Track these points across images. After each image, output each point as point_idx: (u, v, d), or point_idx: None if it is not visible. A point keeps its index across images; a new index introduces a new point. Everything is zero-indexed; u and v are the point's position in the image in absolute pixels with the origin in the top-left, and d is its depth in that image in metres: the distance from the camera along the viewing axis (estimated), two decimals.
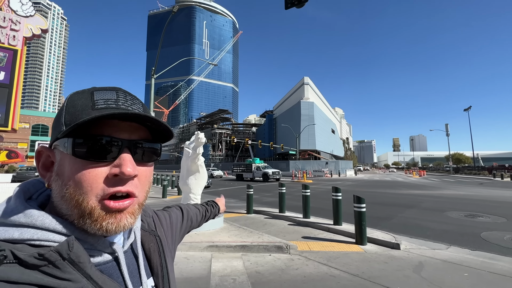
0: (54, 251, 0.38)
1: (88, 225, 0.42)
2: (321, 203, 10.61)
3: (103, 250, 0.46)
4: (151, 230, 0.61)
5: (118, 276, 0.47)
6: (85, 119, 0.40)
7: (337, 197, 6.14)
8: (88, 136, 0.43)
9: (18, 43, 12.80)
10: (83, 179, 0.42)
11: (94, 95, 0.45)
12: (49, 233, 0.41)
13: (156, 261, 0.57)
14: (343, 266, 3.87)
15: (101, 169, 0.43)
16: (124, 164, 0.43)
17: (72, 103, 0.45)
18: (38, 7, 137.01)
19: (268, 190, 16.98)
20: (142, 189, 0.48)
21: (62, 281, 0.37)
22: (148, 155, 0.49)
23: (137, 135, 0.47)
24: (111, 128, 0.44)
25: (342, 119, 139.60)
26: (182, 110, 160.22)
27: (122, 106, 0.45)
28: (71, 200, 0.42)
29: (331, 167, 41.84)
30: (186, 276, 3.50)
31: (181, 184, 5.98)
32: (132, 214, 0.46)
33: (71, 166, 0.42)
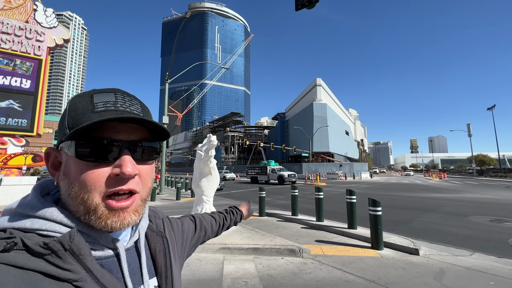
0: (57, 241, 0.40)
1: (93, 222, 0.44)
2: (335, 206, 10.39)
3: (106, 245, 0.48)
4: (158, 231, 0.62)
5: (118, 272, 0.48)
6: (83, 125, 0.42)
7: (351, 200, 5.99)
8: (90, 139, 0.45)
9: (43, 53, 13.58)
10: (86, 179, 0.44)
11: (94, 98, 0.47)
12: (57, 224, 0.43)
13: (160, 261, 0.57)
14: (358, 271, 3.75)
15: (103, 169, 0.45)
16: (124, 164, 0.45)
17: (74, 106, 0.47)
18: (60, 18, 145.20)
19: (280, 192, 16.85)
20: (144, 186, 0.50)
21: (63, 271, 0.39)
22: (148, 153, 0.50)
23: (136, 135, 0.49)
24: (110, 130, 0.46)
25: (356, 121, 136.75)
26: (196, 114, 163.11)
27: (121, 108, 0.47)
28: (77, 197, 0.44)
29: (345, 169, 40.95)
30: (199, 278, 3.52)
31: (194, 186, 6.06)
32: (136, 211, 0.48)
33: (75, 167, 0.45)
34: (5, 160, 11.65)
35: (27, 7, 13.31)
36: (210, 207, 5.97)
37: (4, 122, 11.95)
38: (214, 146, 5.67)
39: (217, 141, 5.72)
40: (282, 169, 26.23)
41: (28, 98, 12.66)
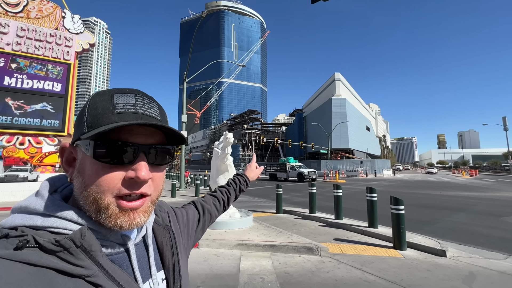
0: (69, 238, 0.41)
1: (103, 220, 0.45)
2: (354, 204, 10.10)
3: (115, 242, 0.48)
4: (165, 225, 0.62)
5: (128, 267, 0.49)
6: (105, 128, 0.43)
7: (372, 198, 5.78)
8: (108, 141, 0.45)
9: (71, 57, 14.46)
10: (101, 179, 0.44)
11: (114, 99, 0.47)
12: (67, 222, 0.44)
13: (167, 254, 0.58)
14: (379, 272, 3.62)
15: (119, 172, 0.45)
16: (139, 168, 0.45)
17: (94, 105, 0.47)
18: (86, 24, 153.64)
19: (298, 190, 16.69)
20: (156, 189, 0.50)
21: (75, 267, 0.40)
22: (162, 157, 0.51)
23: (153, 139, 0.49)
24: (128, 133, 0.46)
25: (377, 116, 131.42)
26: (213, 112, 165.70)
27: (140, 110, 0.47)
28: (89, 196, 0.44)
29: (366, 166, 39.59)
30: (216, 273, 3.59)
31: (211, 183, 6.17)
32: (145, 212, 0.48)
33: (91, 166, 0.45)
34: (40, 158, 12.63)
35: (56, 15, 14.20)
36: None
37: (39, 123, 12.93)
38: (231, 143, 5.72)
39: (233, 138, 5.76)
40: (301, 166, 25.75)
41: (59, 100, 13.57)
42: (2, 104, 12.37)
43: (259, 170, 1.23)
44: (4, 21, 12.78)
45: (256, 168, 1.22)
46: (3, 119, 12.33)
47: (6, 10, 12.96)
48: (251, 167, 1.20)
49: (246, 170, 1.19)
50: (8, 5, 13.02)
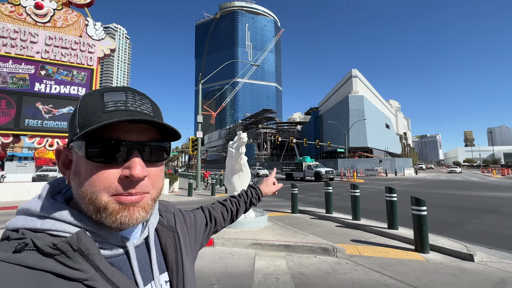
0: (65, 242, 0.40)
1: (104, 219, 0.44)
2: (373, 204, 9.78)
3: (115, 244, 0.47)
4: (169, 226, 0.61)
5: (128, 269, 0.48)
6: (94, 127, 0.41)
7: (391, 198, 5.55)
8: (100, 140, 0.44)
9: (94, 63, 15.19)
10: (96, 179, 0.43)
11: (104, 97, 0.46)
12: (66, 224, 0.44)
13: (171, 256, 0.57)
14: (399, 275, 3.47)
15: (113, 170, 0.44)
16: (134, 166, 0.44)
17: (84, 105, 0.46)
18: (107, 30, 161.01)
19: (314, 189, 16.44)
20: (154, 186, 0.49)
21: (73, 271, 0.40)
22: (158, 154, 0.49)
23: (147, 136, 0.48)
24: (120, 131, 0.45)
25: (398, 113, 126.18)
26: (228, 112, 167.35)
27: (131, 107, 0.46)
28: (85, 197, 0.44)
29: (386, 165, 38.20)
30: (231, 271, 3.62)
31: (226, 182, 6.24)
32: (144, 208, 0.47)
33: (85, 167, 0.44)
34: None
35: (80, 23, 14.98)
36: None
37: (66, 126, 13.74)
38: (244, 143, 5.74)
39: (247, 138, 5.78)
40: (318, 165, 25.22)
41: None
42: (33, 108, 13.27)
43: (276, 187, 1.15)
44: (34, 31, 13.70)
45: (274, 184, 1.15)
46: (34, 123, 13.23)
47: (35, 21, 13.88)
48: (267, 181, 1.13)
49: (262, 184, 1.11)
50: (37, 16, 13.93)
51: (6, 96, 12.88)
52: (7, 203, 10.13)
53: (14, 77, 13.22)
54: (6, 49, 13.16)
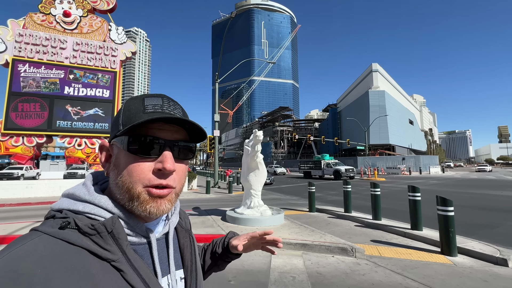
0: (102, 224, 0.46)
1: (135, 207, 0.50)
2: (395, 204, 9.39)
3: (140, 233, 0.53)
4: (187, 229, 0.67)
5: (148, 258, 0.53)
6: (139, 121, 0.48)
7: (414, 198, 5.28)
8: (139, 136, 0.51)
9: (117, 66, 15.95)
10: (134, 170, 0.50)
11: (145, 101, 0.54)
12: (103, 210, 0.50)
13: (187, 256, 0.62)
14: (422, 278, 3.30)
15: (148, 163, 0.51)
16: (166, 160, 0.50)
17: (128, 107, 0.53)
18: (129, 34, 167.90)
19: (333, 188, 16.10)
20: (179, 182, 0.55)
21: (104, 251, 0.45)
22: (185, 153, 0.56)
23: (178, 135, 0.55)
24: (156, 130, 0.52)
25: (422, 107, 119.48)
26: (245, 110, 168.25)
27: (166, 110, 0.53)
28: (123, 186, 0.50)
29: (410, 163, 36.46)
30: (247, 269, 3.65)
31: (242, 180, 6.28)
32: (170, 201, 0.53)
33: (125, 159, 0.51)
34: (94, 158, 14.22)
35: (104, 28, 15.76)
36: (259, 200, 6.10)
37: (93, 127, 14.57)
38: (260, 141, 5.74)
39: (262, 136, 5.77)
40: (338, 163, 24.55)
41: (108, 105, 15.10)
42: (63, 111, 14.22)
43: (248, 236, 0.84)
44: (63, 38, 14.62)
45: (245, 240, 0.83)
46: (64, 124, 14.17)
47: (64, 28, 14.80)
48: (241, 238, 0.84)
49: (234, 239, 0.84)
50: (65, 23, 14.85)
51: (40, 100, 13.89)
52: (42, 199, 10.95)
53: (46, 81, 14.21)
54: (39, 55, 14.16)
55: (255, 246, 0.84)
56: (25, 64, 13.81)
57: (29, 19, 14.19)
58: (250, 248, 0.84)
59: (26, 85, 13.73)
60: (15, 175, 15.79)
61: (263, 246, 0.84)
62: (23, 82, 13.70)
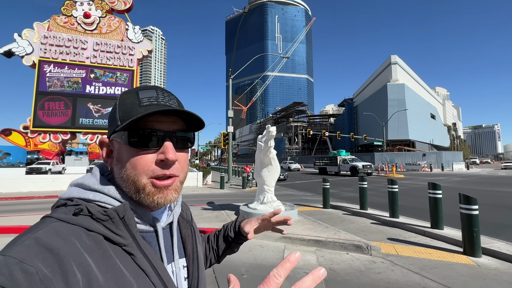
0: (114, 210, 0.49)
1: (142, 199, 0.52)
2: (414, 201, 9.04)
3: (147, 222, 0.55)
4: (188, 220, 0.69)
5: (155, 246, 0.55)
6: (138, 116, 0.49)
7: (435, 195, 5.05)
8: (139, 130, 0.52)
9: (134, 64, 16.42)
10: (137, 163, 0.51)
11: (139, 94, 0.54)
12: (112, 199, 0.52)
13: (189, 245, 0.63)
14: (443, 279, 3.17)
15: (151, 155, 0.52)
16: (167, 151, 0.51)
17: (123, 101, 0.54)
18: (145, 33, 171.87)
19: (348, 184, 15.77)
20: (182, 170, 0.56)
21: (116, 236, 0.47)
22: (184, 142, 0.57)
23: (175, 126, 0.55)
24: (154, 122, 0.53)
25: (446, 101, 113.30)
26: (259, 106, 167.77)
27: (162, 102, 0.54)
28: (128, 179, 0.51)
29: (431, 159, 34.86)
30: (260, 263, 3.68)
31: (255, 176, 6.30)
32: (176, 190, 0.54)
33: (127, 153, 0.52)
34: None
35: (121, 28, 16.24)
36: (272, 196, 6.10)
37: None
38: (273, 136, 5.70)
39: (275, 131, 5.73)
40: (354, 159, 23.78)
41: None
42: (85, 108, 14.90)
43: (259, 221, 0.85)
44: (84, 39, 15.25)
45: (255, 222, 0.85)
46: (86, 121, 14.87)
47: (85, 29, 15.42)
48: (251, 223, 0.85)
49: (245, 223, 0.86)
50: (86, 24, 15.46)
51: (64, 98, 14.63)
52: None
53: (69, 81, 14.92)
54: (62, 56, 14.86)
55: (265, 227, 0.86)
56: (50, 65, 14.57)
57: (53, 22, 14.90)
58: (261, 230, 0.87)
59: (52, 85, 14.51)
60: (43, 169, 16.82)
61: (273, 228, 0.87)
62: (48, 82, 14.48)
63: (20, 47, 14.11)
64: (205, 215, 6.44)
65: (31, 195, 10.76)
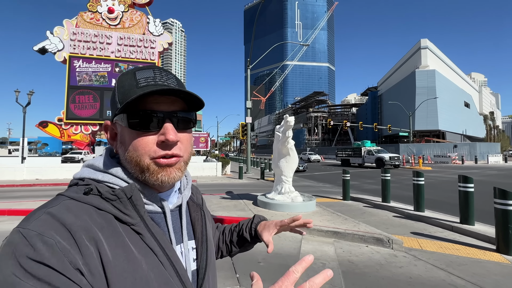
0: (121, 190, 0.50)
1: (148, 178, 0.52)
2: (441, 195, 8.55)
3: (154, 202, 0.55)
4: (198, 203, 0.69)
5: (164, 226, 0.56)
6: (132, 97, 0.48)
7: (466, 189, 4.72)
8: (138, 111, 0.51)
9: (155, 57, 16.84)
10: (138, 145, 0.51)
11: (136, 75, 0.54)
12: (120, 180, 0.53)
13: (198, 228, 0.64)
14: (471, 277, 2.99)
15: (151, 137, 0.52)
16: (168, 132, 0.51)
17: (121, 83, 0.54)
18: (165, 25, 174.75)
19: (370, 176, 15.27)
20: (186, 151, 0.56)
21: (124, 215, 0.49)
22: (186, 123, 0.56)
23: (175, 106, 0.54)
24: (153, 103, 0.52)
25: (482, 88, 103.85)
26: (278, 97, 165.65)
27: (159, 82, 0.52)
28: (132, 160, 0.52)
29: (463, 151, 32.52)
30: (277, 252, 3.71)
31: (273, 166, 6.29)
32: (179, 169, 0.54)
33: (128, 135, 0.53)
34: None
35: (143, 21, 16.62)
36: (290, 187, 6.08)
37: None
38: (291, 126, 5.62)
39: (294, 121, 5.63)
40: (380, 150, 22.54)
41: None
42: None
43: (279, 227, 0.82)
44: (108, 34, 15.85)
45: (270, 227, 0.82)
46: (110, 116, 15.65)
47: (109, 24, 16.00)
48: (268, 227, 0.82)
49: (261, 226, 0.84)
50: (110, 20, 16.02)
51: (92, 92, 15.48)
52: None
53: (96, 75, 15.71)
54: (89, 51, 15.61)
55: (283, 229, 0.84)
56: (79, 60, 15.40)
57: (80, 18, 15.62)
58: (279, 231, 0.84)
59: (81, 79, 15.38)
60: (76, 159, 18.14)
61: (291, 229, 0.83)
62: (78, 76, 15.36)
63: (52, 44, 15.02)
64: (223, 204, 6.59)
65: (66, 182, 11.70)
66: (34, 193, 9.13)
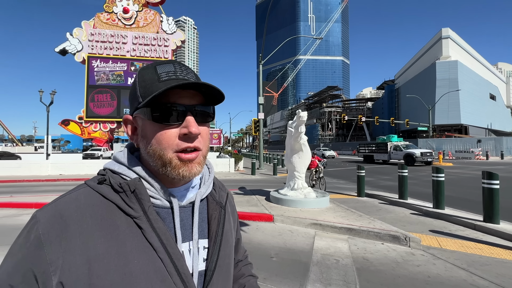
0: (126, 183, 0.52)
1: (169, 172, 0.53)
2: (463, 192, 8.16)
3: (163, 197, 0.56)
4: (218, 201, 0.66)
5: (170, 222, 0.55)
6: (159, 91, 0.49)
7: (490, 186, 4.47)
8: (161, 105, 0.52)
9: (169, 55, 17.12)
10: (161, 138, 0.52)
11: (157, 69, 0.55)
12: (132, 172, 0.55)
13: (214, 227, 0.61)
14: (495, 278, 2.84)
15: (174, 129, 0.53)
16: (190, 125, 0.52)
17: (142, 77, 0.55)
18: (178, 23, 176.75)
19: (386, 172, 14.83)
20: (205, 144, 0.57)
21: (128, 207, 0.50)
22: (204, 116, 0.57)
23: (195, 100, 0.55)
24: (175, 96, 0.53)
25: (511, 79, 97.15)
26: (290, 92, 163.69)
27: (180, 76, 0.54)
28: (154, 154, 0.53)
29: (488, 146, 30.73)
30: (290, 247, 3.70)
31: (286, 162, 6.26)
32: (199, 163, 0.56)
33: (151, 129, 0.53)
34: None
35: (156, 20, 16.91)
36: (302, 182, 6.03)
37: None
38: (304, 122, 5.54)
39: (306, 116, 5.55)
40: (409, 146, 20.64)
41: None
42: None
43: None
44: (124, 33, 16.27)
45: None
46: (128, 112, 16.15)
47: (124, 24, 16.41)
48: None
49: None
50: (125, 19, 16.42)
51: (110, 91, 16.01)
52: None
53: (113, 74, 16.21)
54: (106, 51, 16.10)
55: None
56: (97, 60, 15.94)
57: (97, 19, 16.11)
58: None
59: (99, 78, 15.94)
60: (96, 155, 18.93)
61: None
62: (96, 76, 15.92)
63: (72, 45, 15.62)
64: (236, 199, 6.66)
65: (87, 176, 12.27)
66: (58, 187, 9.64)
